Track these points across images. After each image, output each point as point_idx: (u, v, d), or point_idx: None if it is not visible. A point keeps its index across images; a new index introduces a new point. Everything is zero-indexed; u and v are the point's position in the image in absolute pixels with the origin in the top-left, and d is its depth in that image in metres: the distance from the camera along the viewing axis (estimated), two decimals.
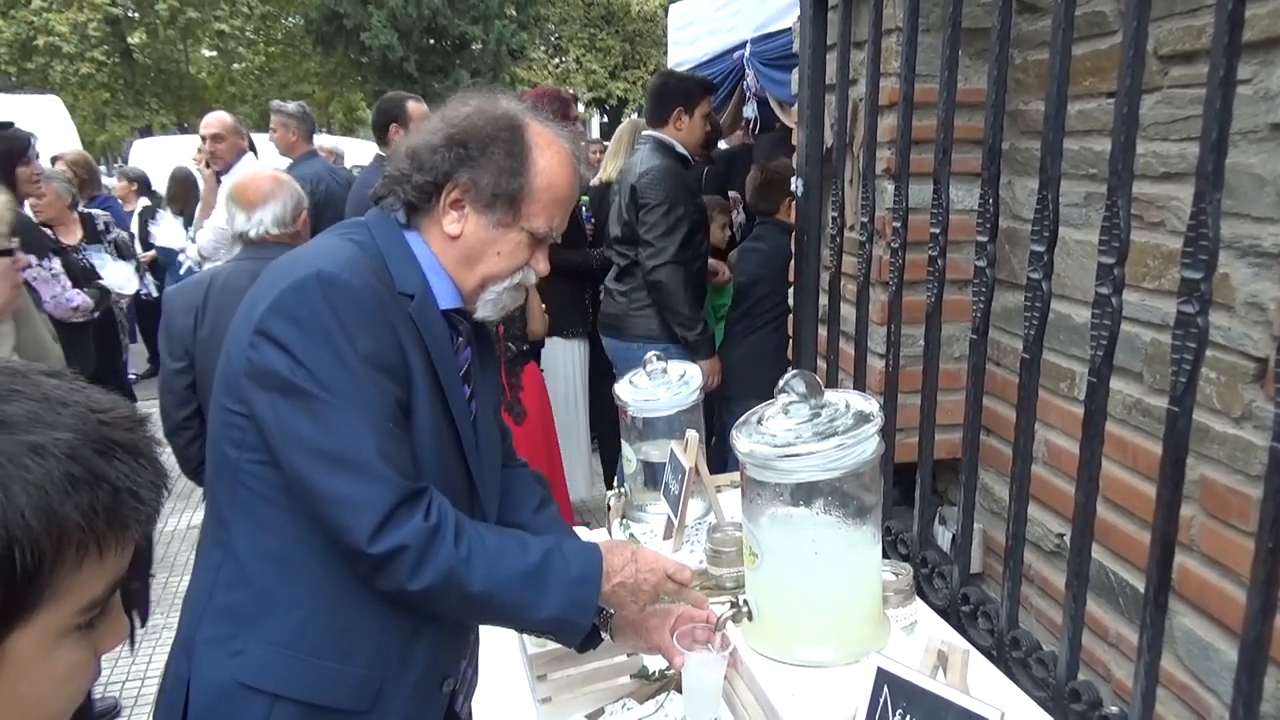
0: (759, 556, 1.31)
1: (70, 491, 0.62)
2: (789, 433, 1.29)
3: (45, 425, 0.63)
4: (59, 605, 0.63)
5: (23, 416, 0.62)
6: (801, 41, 2.29)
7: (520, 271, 1.44)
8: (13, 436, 0.61)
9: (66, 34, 19.13)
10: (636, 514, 2.21)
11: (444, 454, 1.39)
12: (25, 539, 0.60)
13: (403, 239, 1.43)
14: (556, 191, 1.43)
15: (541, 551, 1.37)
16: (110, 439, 0.65)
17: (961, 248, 2.03)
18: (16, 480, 0.60)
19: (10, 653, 0.62)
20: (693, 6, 5.66)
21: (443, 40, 21.10)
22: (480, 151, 1.38)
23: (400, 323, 1.33)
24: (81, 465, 0.63)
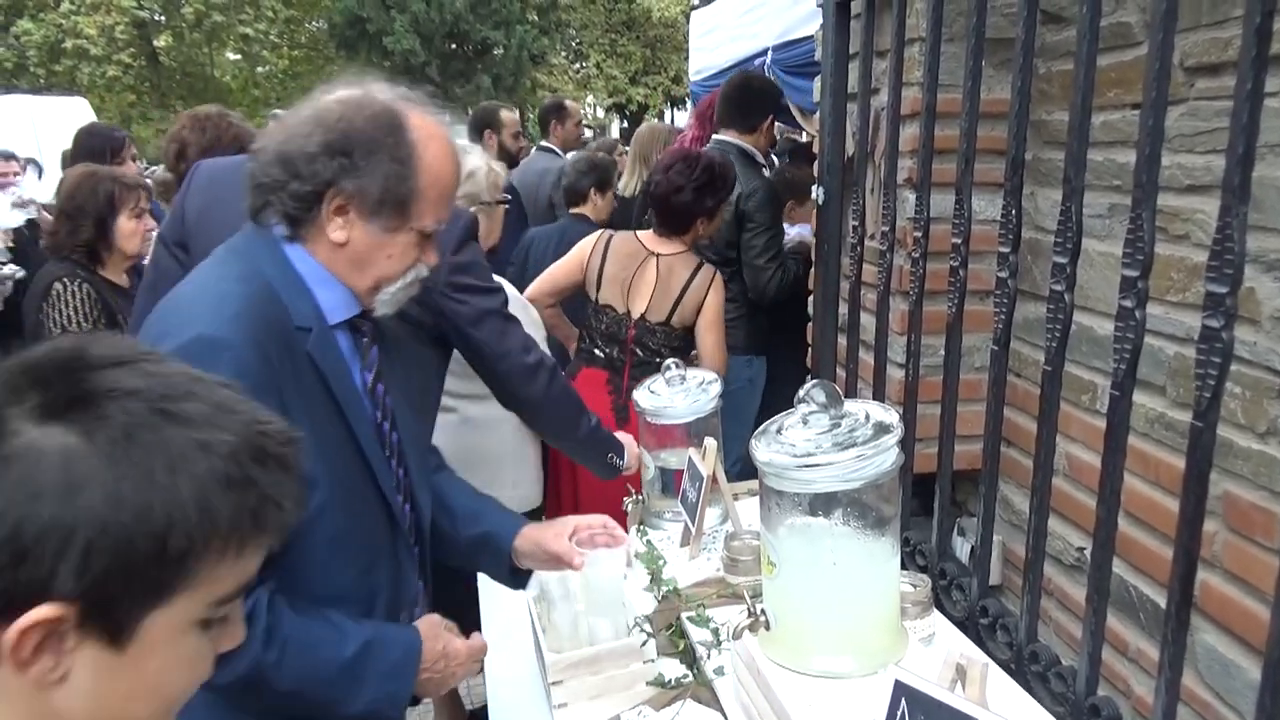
0: (777, 566, 1.31)
1: (226, 490, 0.68)
2: (808, 443, 1.28)
3: (214, 426, 0.69)
4: (195, 594, 0.69)
5: (196, 415, 0.68)
6: (824, 50, 2.29)
7: (413, 269, 1.42)
8: (186, 432, 0.67)
9: (94, 37, 19.40)
10: (654, 521, 2.22)
11: (350, 483, 1.38)
12: (181, 526, 0.65)
13: (286, 260, 1.37)
14: (443, 187, 1.40)
15: (358, 644, 1.34)
16: (265, 449, 0.71)
17: (982, 258, 2.02)
18: (184, 472, 0.66)
19: (147, 630, 0.67)
20: (715, 13, 5.67)
21: (464, 45, 21.23)
22: (364, 159, 1.31)
23: (290, 365, 1.30)
24: (239, 468, 0.69)
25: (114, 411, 0.66)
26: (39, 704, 0.66)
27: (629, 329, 2.99)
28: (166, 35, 21.44)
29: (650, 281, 2.96)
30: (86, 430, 0.64)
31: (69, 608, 0.63)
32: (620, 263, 3.00)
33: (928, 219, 1.85)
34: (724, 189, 2.98)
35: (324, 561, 1.35)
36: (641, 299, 2.97)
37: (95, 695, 0.67)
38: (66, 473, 0.63)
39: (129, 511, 0.64)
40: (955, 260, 1.70)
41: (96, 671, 0.66)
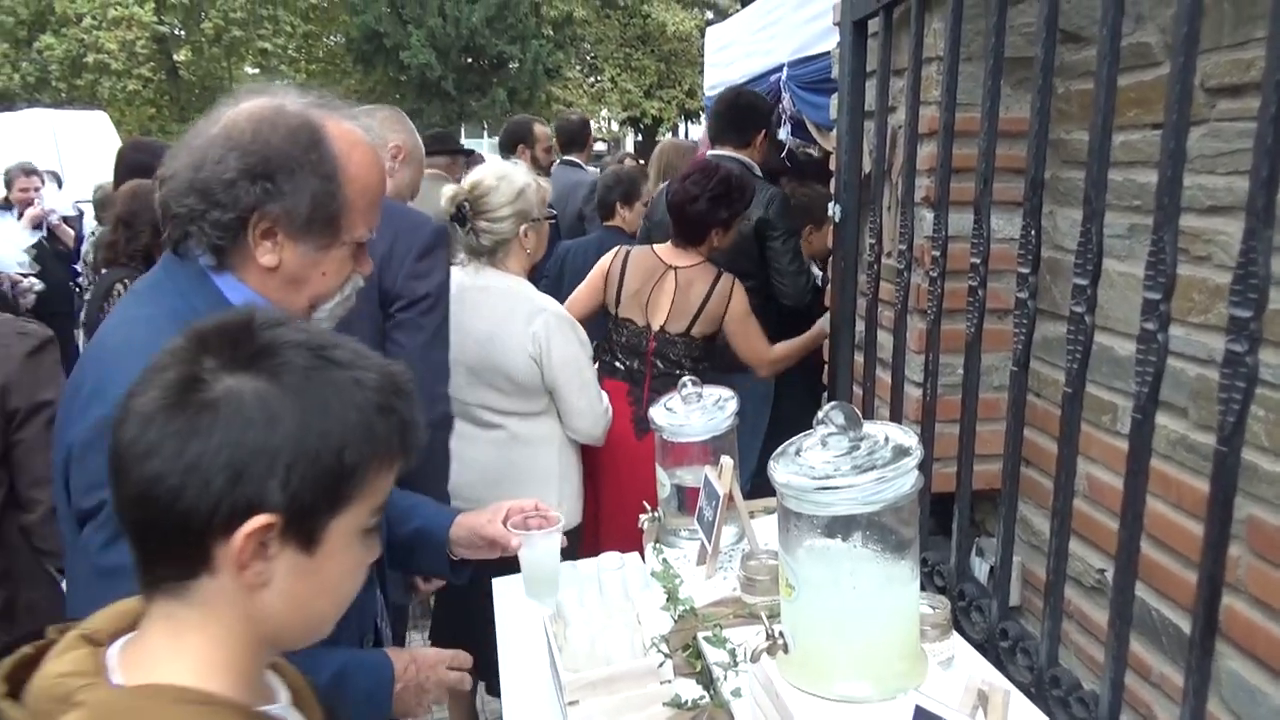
0: (796, 588, 1.30)
1: (379, 415, 0.83)
2: (827, 465, 1.28)
3: (360, 367, 0.84)
4: (362, 504, 0.83)
5: (346, 358, 0.84)
6: (841, 68, 2.29)
7: (349, 282, 1.38)
8: (344, 371, 0.82)
9: (115, 51, 19.62)
10: (670, 539, 2.21)
11: None
12: (353, 445, 0.80)
13: (217, 292, 1.31)
14: (372, 195, 1.35)
15: (334, 671, 1.32)
16: (398, 385, 0.87)
17: (1001, 277, 2.01)
18: (349, 402, 0.81)
19: (330, 537, 0.81)
20: (730, 29, 5.69)
21: (480, 59, 21.37)
22: (288, 180, 1.25)
23: None
24: (385, 398, 0.84)
25: (289, 358, 0.80)
26: (247, 605, 0.80)
27: (649, 341, 3.02)
28: (186, 50, 21.66)
29: (669, 294, 3.00)
30: (272, 374, 0.79)
31: (276, 518, 0.77)
32: (639, 277, 3.03)
33: (946, 237, 1.84)
34: (740, 201, 3.01)
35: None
36: (660, 312, 3.01)
37: (291, 595, 0.81)
38: (265, 409, 0.77)
39: (315, 435, 0.78)
40: (974, 280, 1.69)
41: (292, 574, 0.81)
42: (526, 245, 2.63)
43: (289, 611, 0.82)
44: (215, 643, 0.80)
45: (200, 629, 0.80)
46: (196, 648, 0.79)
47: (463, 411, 2.59)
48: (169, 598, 0.80)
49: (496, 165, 2.71)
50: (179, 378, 0.78)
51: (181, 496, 0.75)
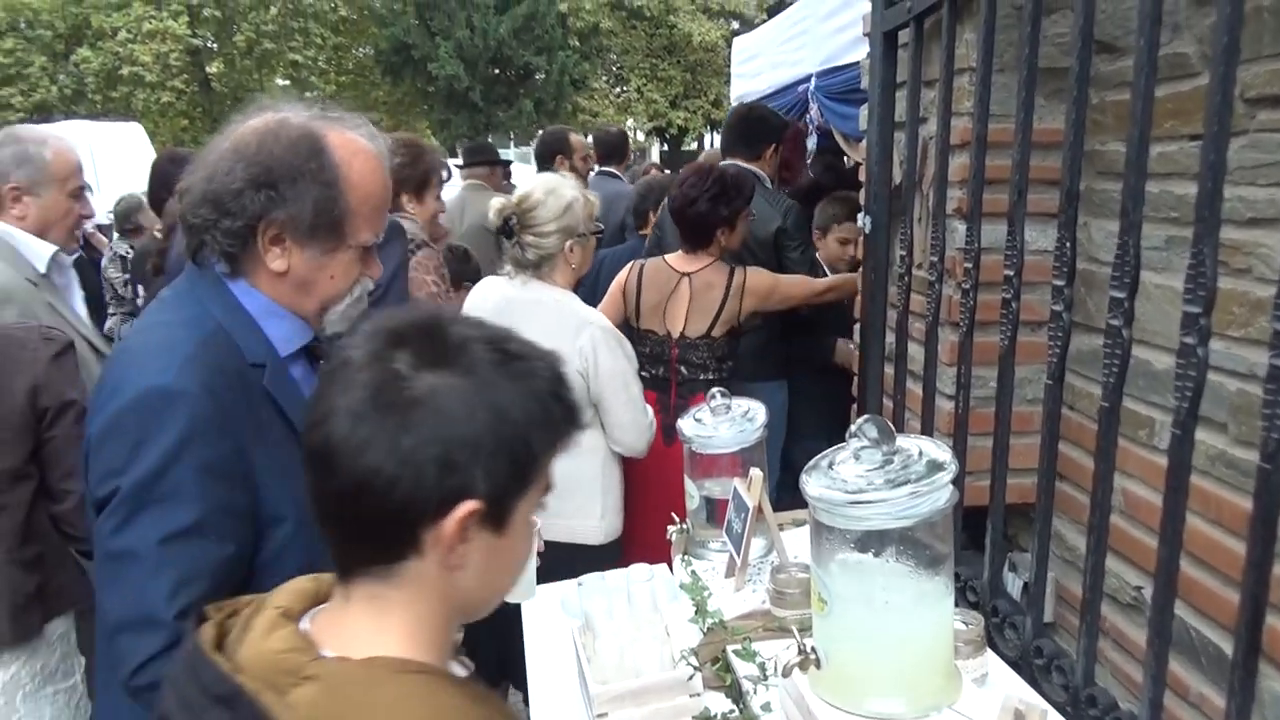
0: (828, 603, 1.29)
1: (553, 404, 0.88)
2: (860, 479, 1.27)
3: (534, 360, 0.90)
4: (538, 485, 0.90)
5: (522, 352, 0.89)
6: (871, 79, 2.28)
7: (357, 285, 1.44)
8: (522, 364, 0.88)
9: (149, 64, 19.95)
10: (698, 550, 2.20)
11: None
12: (536, 432, 0.86)
13: (232, 298, 1.38)
14: (375, 200, 1.41)
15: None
16: (561, 373, 0.92)
17: (1034, 289, 2.00)
18: (530, 393, 0.86)
19: (516, 515, 0.88)
20: (756, 39, 5.69)
21: (507, 70, 21.53)
22: (290, 187, 1.31)
23: (245, 405, 1.31)
24: (555, 386, 0.90)
25: (477, 354, 0.85)
26: (446, 585, 0.86)
27: (671, 349, 3.06)
28: (218, 62, 21.98)
29: (684, 300, 3.05)
30: (466, 370, 0.84)
31: (480, 504, 0.83)
32: (655, 289, 3.08)
33: (978, 249, 1.83)
34: (738, 198, 3.06)
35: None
36: (679, 319, 3.06)
37: (482, 573, 0.88)
38: (465, 403, 0.82)
39: (508, 425, 0.84)
40: (1008, 292, 1.68)
41: (484, 554, 0.86)
42: (572, 261, 2.64)
43: (479, 588, 0.89)
44: (420, 620, 0.86)
45: (406, 607, 0.85)
46: (403, 624, 0.85)
47: None
48: (373, 580, 0.85)
49: (546, 180, 2.70)
50: (381, 376, 0.83)
51: (397, 487, 0.80)
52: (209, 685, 0.80)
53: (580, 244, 2.64)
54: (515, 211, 2.59)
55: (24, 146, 2.44)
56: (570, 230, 2.59)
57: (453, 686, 0.83)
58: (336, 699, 0.77)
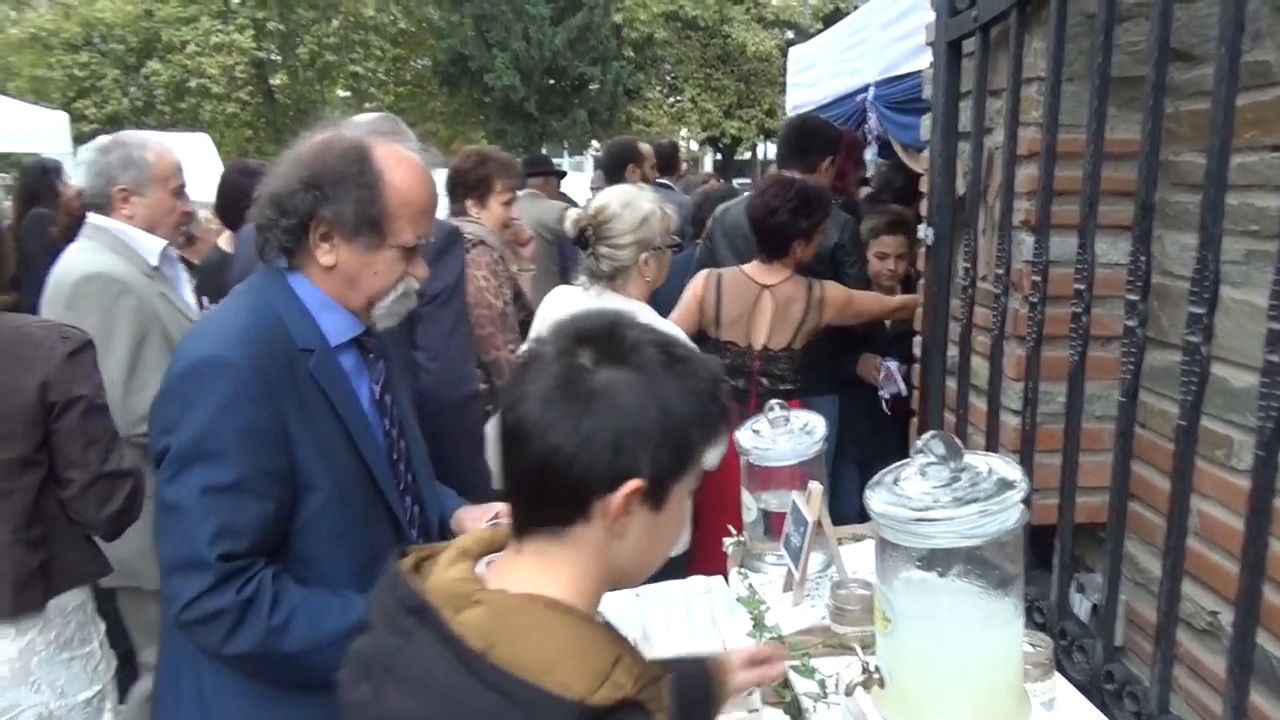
0: (892, 621, 1.27)
1: (709, 403, 0.99)
2: (926, 496, 1.25)
3: (696, 362, 1.01)
4: (693, 472, 1.01)
5: (686, 355, 1.01)
6: (935, 89, 2.25)
7: (401, 283, 1.56)
8: (686, 365, 0.99)
9: (216, 76, 20.46)
10: (754, 564, 2.19)
11: (351, 485, 1.53)
12: (694, 426, 0.97)
13: (290, 289, 1.55)
14: (416, 205, 1.54)
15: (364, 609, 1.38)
16: (717, 376, 1.03)
17: (1102, 302, 1.95)
18: (691, 391, 0.98)
19: (673, 495, 0.99)
20: (813, 49, 5.66)
21: (562, 80, 21.67)
22: (334, 188, 1.47)
23: (291, 383, 1.46)
24: (713, 387, 1.01)
25: (649, 354, 0.97)
26: (606, 550, 0.98)
27: (753, 361, 3.07)
28: (282, 74, 22.47)
29: (768, 314, 3.05)
30: (638, 368, 0.96)
31: (643, 483, 0.95)
32: (736, 301, 3.07)
33: (1046, 262, 1.79)
34: (819, 211, 3.06)
35: (326, 555, 1.51)
36: (762, 331, 3.07)
37: (638, 545, 1.00)
38: (637, 397, 0.94)
39: (672, 418, 0.95)
40: (1078, 306, 1.64)
41: (642, 528, 0.99)
42: (646, 273, 2.63)
43: (633, 557, 1.01)
44: (579, 575, 0.99)
45: (569, 563, 0.98)
46: (564, 576, 0.98)
47: None
48: (545, 538, 0.99)
49: (623, 191, 2.70)
50: (567, 369, 0.96)
51: (575, 463, 0.93)
52: (404, 599, 0.98)
53: (655, 256, 2.63)
54: (591, 223, 2.60)
55: (128, 150, 2.62)
56: (646, 243, 2.59)
57: (594, 627, 0.97)
58: (497, 620, 0.92)
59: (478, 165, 3.42)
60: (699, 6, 22.54)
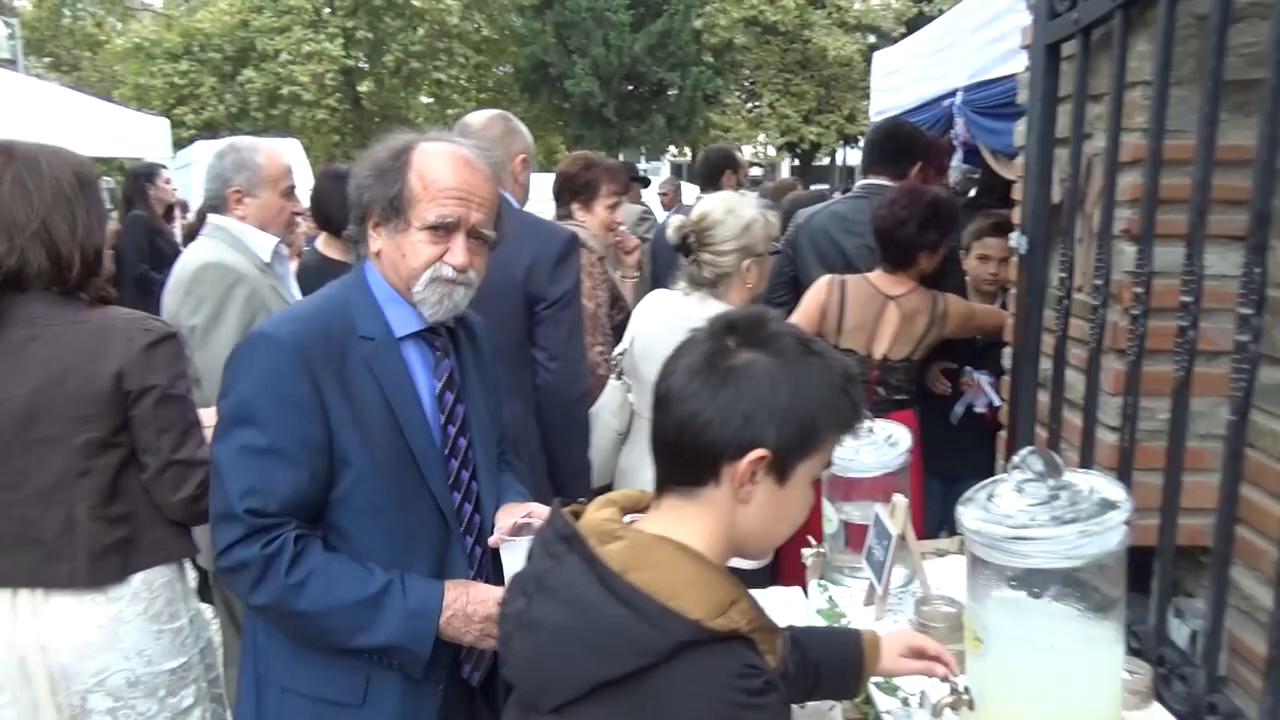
0: (984, 642, 1.24)
1: (840, 395, 1.10)
2: (1022, 513, 1.21)
3: (831, 357, 1.12)
4: (819, 457, 1.11)
5: (822, 350, 1.12)
6: (1031, 93, 2.19)
7: (432, 266, 1.60)
8: (821, 358, 1.10)
9: (307, 84, 21.15)
10: (835, 576, 2.15)
11: (392, 470, 1.59)
12: (822, 411, 1.08)
13: (365, 281, 1.67)
14: (436, 185, 1.58)
15: (383, 583, 1.54)
16: (852, 376, 1.13)
17: (1208, 315, 1.86)
18: (823, 380, 1.10)
19: (796, 476, 1.10)
20: (899, 53, 5.57)
21: (640, 86, 21.79)
22: (377, 178, 1.61)
23: (339, 364, 1.56)
24: (844, 383, 1.11)
25: (787, 343, 1.10)
26: (732, 513, 1.10)
27: (872, 370, 3.03)
28: (369, 81, 23.11)
29: (893, 324, 3.01)
30: (776, 353, 1.08)
31: (768, 454, 1.06)
32: (860, 309, 3.04)
33: (1150, 273, 1.72)
34: (949, 223, 3.03)
35: (359, 529, 1.58)
36: (884, 342, 3.04)
37: (761, 514, 1.11)
38: (770, 376, 1.07)
39: (800, 399, 1.07)
40: (1185, 319, 1.57)
41: (766, 498, 1.10)
42: (748, 280, 2.62)
43: (756, 526, 1.12)
44: (705, 530, 1.10)
45: (697, 519, 1.10)
46: (693, 529, 1.10)
47: None
48: (679, 496, 1.12)
49: (726, 198, 2.69)
50: (712, 348, 1.09)
51: (709, 429, 1.06)
52: (559, 529, 1.12)
53: (758, 263, 2.62)
54: (694, 229, 2.59)
55: (241, 154, 2.80)
56: (749, 250, 2.58)
57: (717, 570, 1.08)
58: (633, 552, 1.06)
59: (584, 170, 3.48)
60: (779, 11, 22.39)
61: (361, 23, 21.87)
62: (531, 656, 1.09)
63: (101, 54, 24.11)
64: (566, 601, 1.06)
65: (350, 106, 23.06)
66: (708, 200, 2.69)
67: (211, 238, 2.75)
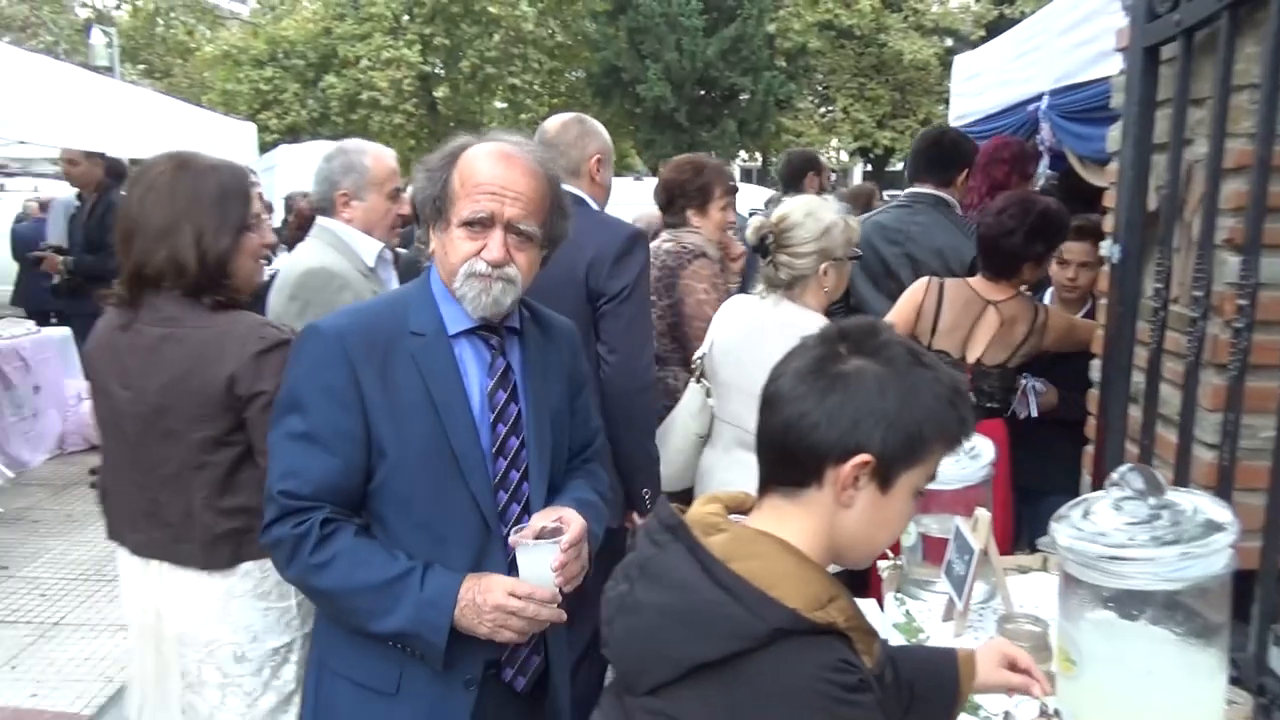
0: (1077, 664, 1.19)
1: (947, 408, 1.10)
2: (1120, 532, 1.17)
3: (940, 370, 1.12)
4: (923, 468, 1.12)
5: (931, 362, 1.13)
6: (1127, 97, 2.12)
7: (468, 261, 1.59)
8: (929, 371, 1.11)
9: (385, 89, 21.60)
10: (912, 589, 2.11)
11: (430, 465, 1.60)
12: (929, 422, 1.09)
13: (427, 279, 1.71)
14: (473, 179, 1.59)
15: (402, 569, 1.56)
16: (962, 391, 1.13)
17: None
18: (930, 392, 1.09)
19: (899, 485, 1.10)
20: (981, 57, 5.45)
21: (712, 91, 21.75)
22: (429, 181, 1.64)
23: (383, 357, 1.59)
24: (952, 396, 1.11)
25: (897, 353, 1.10)
26: (832, 517, 1.11)
27: (965, 373, 2.97)
28: (444, 87, 23.51)
29: (990, 329, 2.96)
30: (886, 362, 1.09)
31: (873, 459, 1.07)
32: (957, 311, 3.00)
33: (1255, 284, 1.65)
34: (1058, 234, 2.97)
35: (393, 518, 1.62)
36: (979, 345, 2.98)
37: (862, 519, 1.11)
38: (879, 384, 1.08)
39: (908, 409, 1.07)
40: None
41: (868, 504, 1.10)
42: (825, 284, 2.59)
43: (857, 531, 1.12)
44: (806, 531, 1.11)
45: (798, 520, 1.12)
46: (793, 528, 1.11)
47: (744, 440, 2.57)
48: (781, 497, 1.14)
49: (807, 201, 2.67)
50: (823, 353, 1.12)
51: (816, 430, 1.08)
52: (664, 518, 1.15)
53: (836, 267, 2.58)
54: (773, 230, 2.57)
55: (349, 156, 2.84)
56: (827, 252, 2.55)
57: (816, 568, 1.09)
58: (735, 544, 1.09)
59: (696, 174, 3.48)
60: (855, 15, 22.12)
61: (439, 29, 22.25)
62: (631, 637, 1.11)
63: (191, 61, 25.02)
64: (668, 585, 1.08)
65: (426, 111, 23.48)
66: (789, 202, 2.66)
67: (318, 239, 2.81)
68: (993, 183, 3.89)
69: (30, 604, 4.36)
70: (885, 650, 1.16)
